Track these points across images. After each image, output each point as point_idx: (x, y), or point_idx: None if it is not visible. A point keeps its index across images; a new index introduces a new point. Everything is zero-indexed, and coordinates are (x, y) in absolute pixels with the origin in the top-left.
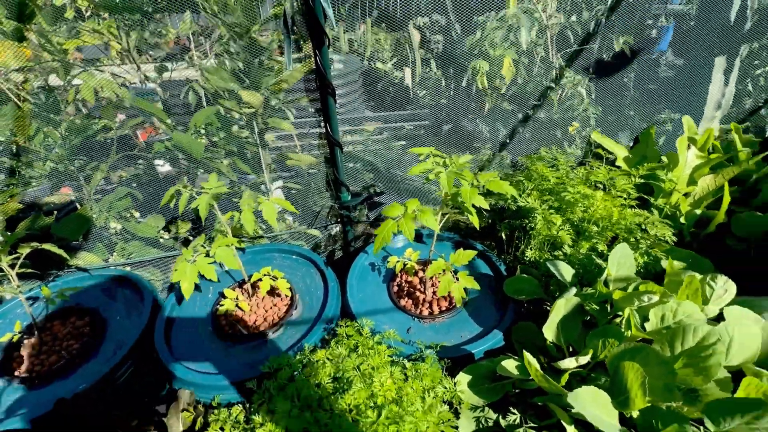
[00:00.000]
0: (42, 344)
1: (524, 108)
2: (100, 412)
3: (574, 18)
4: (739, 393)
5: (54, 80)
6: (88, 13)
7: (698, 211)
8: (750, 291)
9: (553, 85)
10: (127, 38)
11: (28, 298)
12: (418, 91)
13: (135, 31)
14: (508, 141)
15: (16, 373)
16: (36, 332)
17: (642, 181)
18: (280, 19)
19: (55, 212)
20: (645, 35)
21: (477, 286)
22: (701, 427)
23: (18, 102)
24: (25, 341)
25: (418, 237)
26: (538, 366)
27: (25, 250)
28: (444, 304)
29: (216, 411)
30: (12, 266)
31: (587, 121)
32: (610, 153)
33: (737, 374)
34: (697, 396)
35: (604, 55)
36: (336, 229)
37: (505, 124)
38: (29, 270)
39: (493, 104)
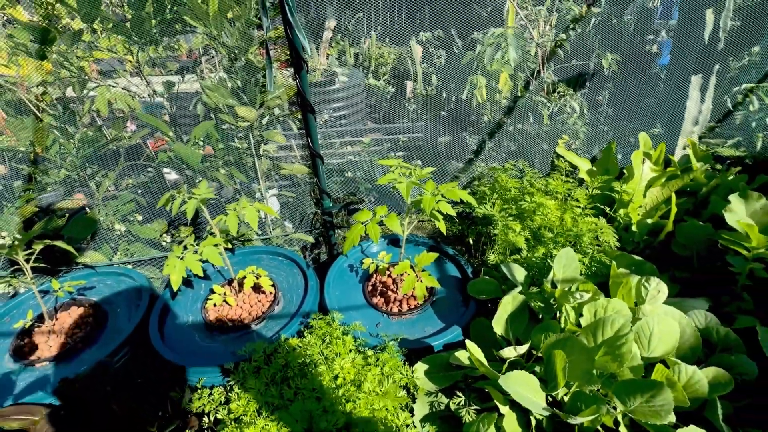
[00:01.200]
0: (50, 332)
1: (517, 121)
2: (99, 395)
3: (565, 36)
4: (652, 378)
5: (71, 92)
6: (104, 34)
7: (649, 221)
8: (691, 294)
9: (544, 100)
10: (138, 55)
11: (39, 291)
12: (417, 105)
13: (147, 49)
14: (498, 153)
15: (28, 357)
16: (45, 321)
17: (599, 192)
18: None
19: (67, 215)
20: (642, 51)
21: (438, 285)
22: (617, 408)
23: (37, 113)
24: (36, 329)
25: (396, 242)
26: (482, 355)
27: (38, 246)
28: (413, 303)
29: (200, 391)
30: (27, 260)
31: (576, 134)
32: (575, 166)
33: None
34: (615, 381)
35: (601, 71)
36: (322, 233)
37: (498, 136)
38: (41, 264)
39: (490, 117)
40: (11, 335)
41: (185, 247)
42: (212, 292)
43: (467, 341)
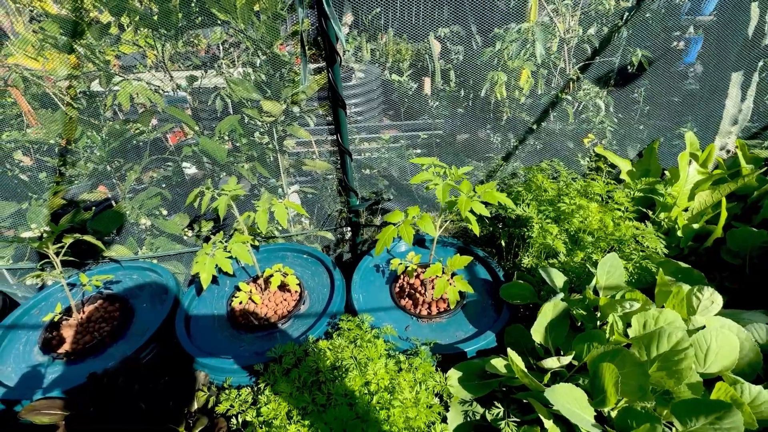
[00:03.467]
0: (78, 325)
1: (540, 119)
2: (124, 389)
3: (592, 31)
4: (713, 397)
5: (95, 86)
6: (130, 27)
7: (696, 226)
8: (744, 304)
9: (569, 97)
10: (162, 49)
11: (68, 284)
12: (435, 101)
13: (169, 43)
14: (521, 151)
15: (56, 349)
16: (73, 314)
17: (641, 195)
18: (298, 36)
19: (93, 208)
20: (670, 47)
21: (471, 290)
22: (672, 428)
23: (62, 105)
24: (64, 322)
25: (422, 242)
26: (522, 364)
27: (68, 240)
28: (442, 306)
29: (227, 391)
30: (57, 254)
31: (603, 133)
32: (614, 167)
33: (717, 381)
34: (671, 398)
35: (628, 68)
36: (346, 231)
37: (520, 134)
38: (70, 258)
39: (511, 115)
40: (40, 328)
41: (214, 245)
42: (237, 289)
43: (509, 350)
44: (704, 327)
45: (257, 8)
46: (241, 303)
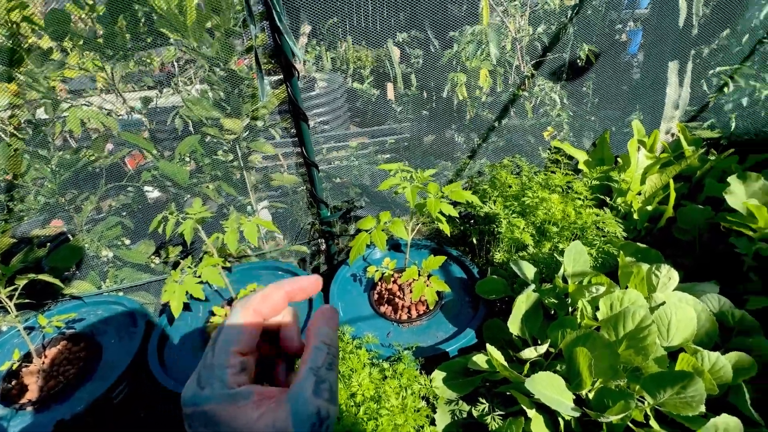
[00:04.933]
0: (40, 371)
1: (501, 116)
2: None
3: (541, 29)
4: (677, 368)
5: (41, 114)
6: (74, 52)
7: (649, 208)
8: (697, 277)
9: (527, 93)
10: (112, 71)
11: (25, 328)
12: (399, 106)
13: (119, 64)
14: (486, 149)
15: (18, 400)
16: (34, 360)
17: (598, 183)
18: (252, 52)
19: (48, 244)
20: (614, 40)
21: (448, 289)
22: (645, 402)
23: (5, 137)
24: (24, 369)
25: (397, 246)
26: (501, 358)
27: (22, 282)
28: (422, 308)
29: None
30: (10, 297)
31: (560, 126)
32: (571, 158)
33: (680, 352)
34: (640, 374)
35: (577, 62)
36: (321, 243)
37: (484, 132)
38: (26, 300)
39: (473, 114)
40: None
41: (183, 270)
42: (212, 314)
43: (488, 345)
44: (664, 303)
45: (209, 25)
46: None
